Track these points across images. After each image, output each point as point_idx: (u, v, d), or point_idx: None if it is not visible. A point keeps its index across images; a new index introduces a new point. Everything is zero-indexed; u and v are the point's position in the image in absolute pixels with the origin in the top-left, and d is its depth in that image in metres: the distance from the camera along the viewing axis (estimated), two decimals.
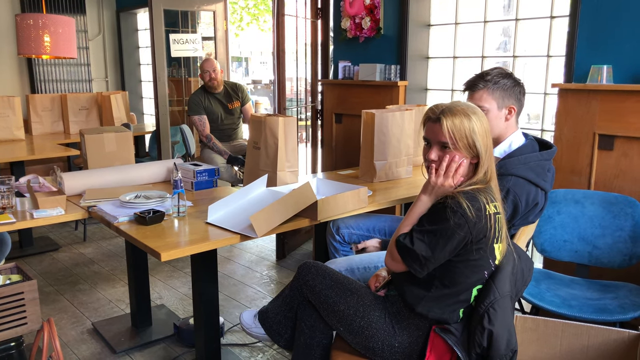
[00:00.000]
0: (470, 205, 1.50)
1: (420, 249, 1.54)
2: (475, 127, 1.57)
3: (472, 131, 1.56)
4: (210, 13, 5.30)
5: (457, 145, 1.57)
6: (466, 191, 1.55)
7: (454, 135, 1.56)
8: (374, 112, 2.62)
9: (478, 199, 1.52)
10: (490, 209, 1.53)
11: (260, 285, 3.41)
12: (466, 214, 1.49)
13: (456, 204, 1.50)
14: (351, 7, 3.72)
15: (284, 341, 1.91)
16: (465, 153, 1.59)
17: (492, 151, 1.64)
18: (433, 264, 1.56)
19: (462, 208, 1.49)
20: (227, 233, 1.92)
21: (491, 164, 1.62)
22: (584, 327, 1.82)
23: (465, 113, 1.57)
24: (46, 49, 4.08)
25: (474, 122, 1.57)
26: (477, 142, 1.57)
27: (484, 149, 1.58)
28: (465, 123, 1.56)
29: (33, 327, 1.92)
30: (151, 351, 2.65)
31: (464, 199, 1.51)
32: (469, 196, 1.52)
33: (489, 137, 1.62)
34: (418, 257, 1.55)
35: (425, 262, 1.55)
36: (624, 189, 2.56)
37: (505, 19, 3.42)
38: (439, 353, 1.57)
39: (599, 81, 2.55)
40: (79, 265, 3.76)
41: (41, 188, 2.42)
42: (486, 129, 1.60)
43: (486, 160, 1.59)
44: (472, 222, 1.49)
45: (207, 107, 4.26)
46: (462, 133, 1.56)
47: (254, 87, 14.60)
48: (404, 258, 1.59)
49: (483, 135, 1.58)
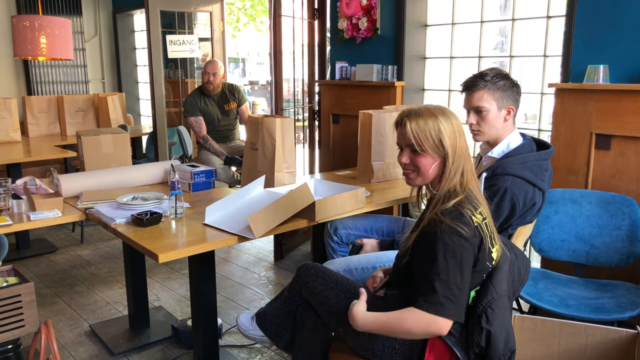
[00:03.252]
0: (459, 224, 1.47)
1: (442, 289, 1.45)
2: (442, 127, 1.53)
3: (438, 131, 1.53)
4: (207, 14, 5.29)
5: (423, 147, 1.55)
6: (449, 210, 1.50)
7: (418, 136, 1.54)
8: (372, 113, 2.62)
9: (463, 214, 1.49)
10: (477, 218, 1.51)
11: (258, 287, 3.41)
12: (462, 234, 1.46)
13: (448, 228, 1.47)
14: (348, 7, 3.73)
15: (283, 343, 1.90)
16: (433, 154, 1.55)
17: (467, 151, 1.60)
18: (462, 298, 1.47)
19: (454, 229, 1.46)
20: (224, 234, 1.92)
21: (466, 163, 1.57)
22: (582, 327, 1.82)
23: (431, 114, 1.55)
24: (42, 50, 4.07)
25: (441, 122, 1.54)
26: (444, 142, 1.53)
27: (451, 149, 1.54)
28: (430, 123, 1.54)
29: (30, 329, 1.92)
30: (149, 353, 2.64)
31: (452, 221, 1.47)
32: (454, 215, 1.49)
33: (461, 136, 1.57)
34: (447, 298, 1.45)
35: (455, 298, 1.45)
36: (620, 188, 2.57)
37: (501, 19, 3.42)
38: (438, 353, 1.57)
39: (596, 81, 2.55)
40: (76, 267, 3.75)
41: (38, 190, 2.42)
42: (456, 129, 1.56)
43: (456, 160, 1.55)
44: (470, 237, 1.47)
45: (203, 109, 4.26)
46: (427, 134, 1.54)
47: (251, 88, 14.62)
48: (437, 312, 1.44)
49: (451, 135, 1.54)
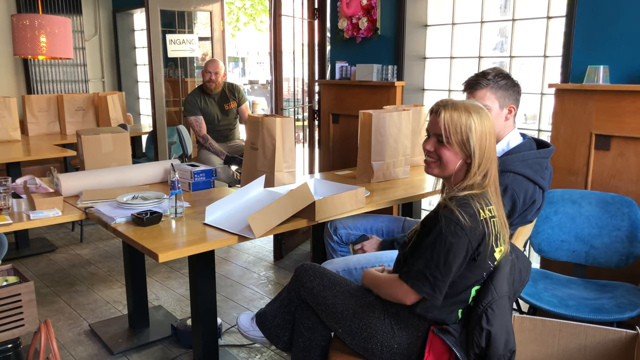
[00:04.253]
0: (462, 212, 1.47)
1: (422, 266, 1.49)
2: (473, 125, 1.52)
3: (468, 128, 1.52)
4: (207, 13, 5.29)
5: (450, 140, 1.54)
6: (459, 197, 1.51)
7: (448, 128, 1.53)
8: (371, 113, 2.62)
9: (470, 205, 1.49)
10: (485, 213, 1.50)
11: (258, 286, 3.41)
12: (460, 221, 1.46)
13: (449, 212, 1.47)
14: (348, 7, 3.73)
15: (282, 344, 1.90)
16: (458, 150, 1.55)
17: (494, 155, 1.58)
18: (442, 280, 1.48)
19: (454, 215, 1.46)
20: (224, 234, 1.92)
21: (492, 168, 1.56)
22: (582, 327, 1.83)
23: (466, 109, 1.54)
24: (42, 49, 4.06)
25: (473, 120, 1.52)
26: (470, 140, 1.52)
27: (479, 150, 1.53)
28: (463, 119, 1.52)
29: (30, 328, 1.91)
30: (148, 352, 2.64)
31: (456, 207, 1.47)
32: (461, 203, 1.49)
33: (491, 139, 1.56)
34: (425, 275, 1.49)
35: (434, 279, 1.48)
36: (620, 188, 2.57)
37: (502, 19, 3.42)
38: (437, 353, 1.57)
39: (596, 81, 2.55)
40: (75, 267, 3.75)
41: (38, 189, 2.41)
42: (487, 131, 1.54)
43: (483, 163, 1.54)
44: (468, 228, 1.46)
45: (203, 108, 4.26)
46: (457, 128, 1.52)
47: (250, 88, 14.61)
48: (412, 285, 1.52)
49: (481, 136, 1.53)
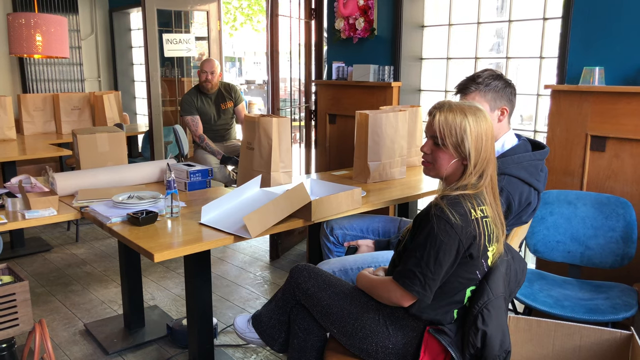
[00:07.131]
0: (453, 211, 1.47)
1: (413, 265, 1.50)
2: (468, 127, 1.51)
3: (463, 130, 1.51)
4: (204, 13, 5.29)
5: (445, 142, 1.54)
6: (450, 196, 1.51)
7: (443, 130, 1.53)
8: (368, 113, 2.62)
9: (462, 204, 1.49)
10: (477, 213, 1.50)
11: (254, 286, 3.40)
12: (450, 220, 1.46)
13: (439, 211, 1.48)
14: (345, 7, 3.73)
15: (278, 345, 1.90)
16: (453, 152, 1.54)
17: (492, 156, 1.58)
18: (432, 279, 1.49)
19: (445, 214, 1.47)
20: (220, 234, 1.92)
21: (489, 169, 1.56)
22: (577, 328, 1.83)
23: (462, 111, 1.53)
24: (38, 48, 4.05)
25: (468, 122, 1.52)
26: (465, 142, 1.52)
27: (474, 151, 1.52)
28: (458, 120, 1.52)
29: (25, 328, 1.91)
30: (144, 352, 2.63)
31: (447, 206, 1.48)
32: (452, 202, 1.50)
33: (488, 140, 1.55)
34: (415, 274, 1.50)
35: (424, 278, 1.49)
36: (615, 190, 2.58)
37: (498, 20, 3.43)
38: (433, 354, 1.57)
39: (591, 83, 2.56)
40: (71, 266, 3.74)
41: (33, 188, 2.41)
42: (484, 132, 1.53)
43: (479, 164, 1.53)
44: (459, 227, 1.47)
45: (199, 108, 4.25)
46: (452, 130, 1.52)
47: (247, 88, 14.60)
48: (402, 284, 1.52)
49: (476, 137, 1.52)
